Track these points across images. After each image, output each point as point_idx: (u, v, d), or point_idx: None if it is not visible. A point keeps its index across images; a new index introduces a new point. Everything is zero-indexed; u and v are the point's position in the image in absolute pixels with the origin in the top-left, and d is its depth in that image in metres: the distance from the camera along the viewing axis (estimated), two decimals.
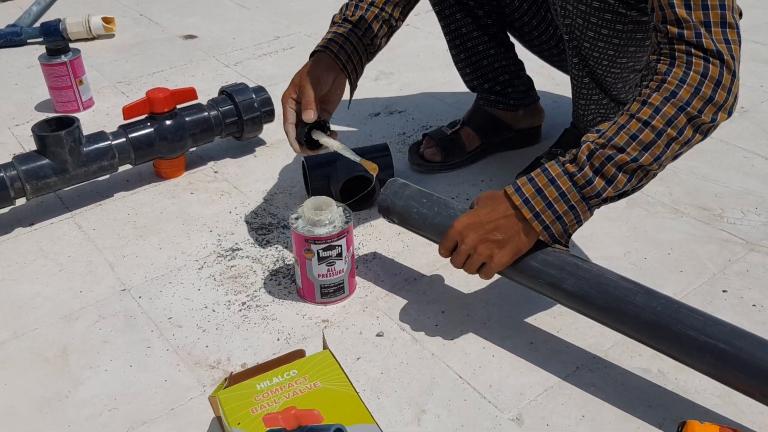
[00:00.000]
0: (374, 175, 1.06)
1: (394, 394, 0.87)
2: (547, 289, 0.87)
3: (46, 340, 0.97)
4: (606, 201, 0.84)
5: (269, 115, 1.38)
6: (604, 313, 0.82)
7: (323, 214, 0.96)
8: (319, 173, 1.22)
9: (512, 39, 1.31)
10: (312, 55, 1.09)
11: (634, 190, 0.85)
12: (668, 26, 0.81)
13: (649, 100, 0.80)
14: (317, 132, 1.05)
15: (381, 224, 1.18)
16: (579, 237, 1.11)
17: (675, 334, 0.77)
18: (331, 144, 1.04)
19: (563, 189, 0.84)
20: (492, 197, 0.89)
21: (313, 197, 0.99)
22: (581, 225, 0.87)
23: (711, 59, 0.79)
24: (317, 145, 1.06)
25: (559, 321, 0.96)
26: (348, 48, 1.08)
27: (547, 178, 0.85)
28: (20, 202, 1.25)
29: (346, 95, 1.11)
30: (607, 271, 0.85)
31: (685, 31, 0.80)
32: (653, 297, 0.80)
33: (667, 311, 0.78)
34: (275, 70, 1.78)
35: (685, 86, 0.79)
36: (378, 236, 1.15)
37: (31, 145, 1.19)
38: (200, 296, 1.04)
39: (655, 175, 0.84)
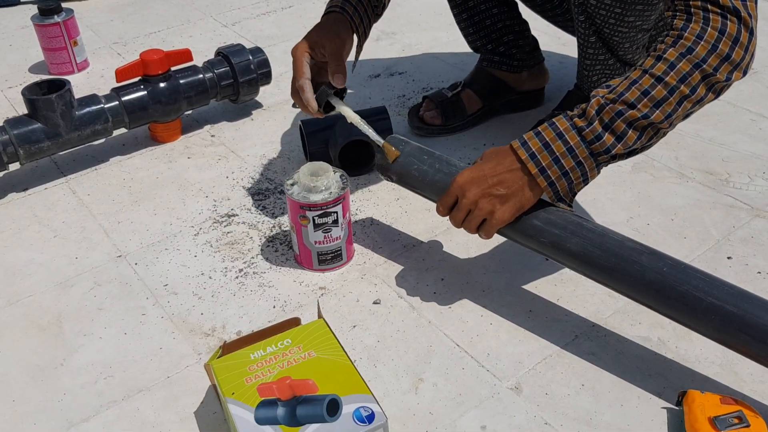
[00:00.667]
0: (390, 160, 0.96)
1: (391, 363, 0.86)
2: (549, 250, 0.84)
3: (40, 307, 0.96)
4: (615, 158, 0.81)
5: (266, 77, 1.35)
6: (608, 274, 0.80)
7: (319, 180, 0.94)
8: (318, 138, 1.19)
9: None
10: (327, 13, 1.03)
11: (643, 148, 0.82)
12: None
13: (665, 56, 0.77)
14: (338, 100, 0.99)
15: (379, 189, 1.16)
16: (582, 201, 1.09)
17: (681, 294, 0.75)
18: (353, 117, 0.98)
19: (571, 144, 0.81)
20: (497, 152, 0.86)
21: (309, 163, 0.97)
22: (587, 184, 0.84)
23: (728, 15, 0.76)
24: (331, 109, 1.01)
25: (560, 289, 0.94)
26: (360, 9, 1.03)
27: (554, 132, 0.82)
28: (13, 167, 1.23)
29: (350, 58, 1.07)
30: (612, 231, 0.83)
31: None
32: (659, 257, 0.78)
33: (673, 272, 0.76)
34: (274, 31, 1.74)
35: (702, 42, 0.76)
36: (376, 202, 1.13)
37: (23, 108, 1.17)
38: (197, 263, 1.03)
39: (665, 133, 0.81)
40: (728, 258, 0.98)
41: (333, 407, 0.69)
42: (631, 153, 0.82)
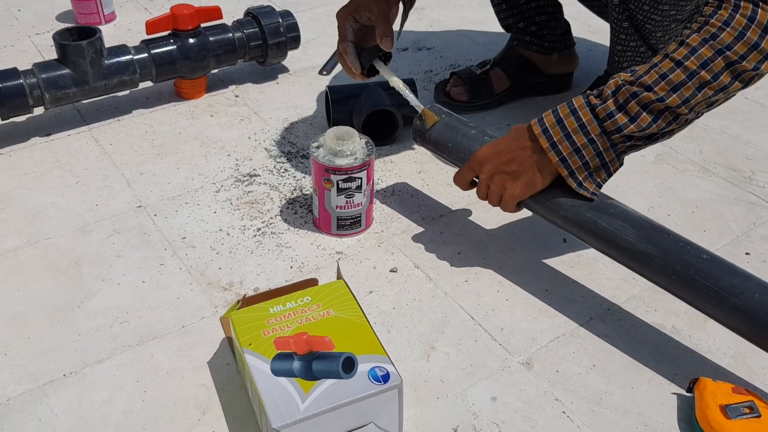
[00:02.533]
0: (428, 125, 0.98)
1: (404, 329, 0.86)
2: (575, 229, 0.86)
3: (59, 249, 0.97)
4: (630, 140, 0.81)
5: (295, 42, 1.34)
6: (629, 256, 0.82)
7: (345, 144, 0.94)
8: (343, 105, 1.19)
9: None
10: None
11: (663, 135, 0.82)
12: None
13: (687, 41, 0.77)
14: (382, 64, 0.99)
15: (401, 161, 1.16)
16: (604, 188, 1.09)
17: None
18: (396, 82, 0.99)
19: (584, 120, 0.81)
20: (517, 128, 0.88)
21: (335, 127, 0.97)
22: (608, 171, 0.84)
23: (761, 4, 0.75)
24: (374, 73, 1.01)
25: (577, 271, 0.95)
26: None
27: (569, 108, 0.83)
28: (38, 111, 1.23)
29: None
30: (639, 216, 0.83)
31: None
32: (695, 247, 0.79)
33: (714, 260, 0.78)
34: None
35: (728, 29, 0.75)
36: (398, 173, 1.13)
37: (50, 55, 1.17)
38: (216, 219, 1.03)
39: (688, 120, 0.80)
40: (746, 254, 0.98)
41: (348, 365, 0.69)
42: (650, 138, 0.82)
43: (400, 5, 1.02)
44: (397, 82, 1.00)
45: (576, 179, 0.84)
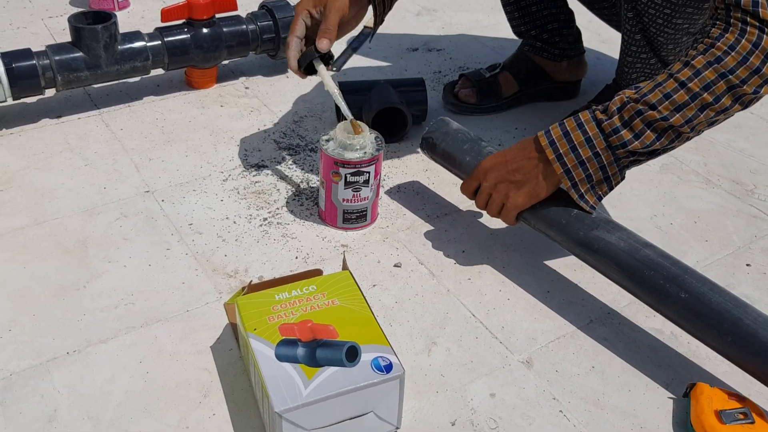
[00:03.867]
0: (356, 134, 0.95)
1: (406, 324, 0.87)
2: (565, 240, 0.88)
3: (66, 230, 0.98)
4: (634, 155, 0.83)
5: None
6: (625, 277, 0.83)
7: (355, 138, 0.95)
8: (352, 101, 1.19)
9: None
10: None
11: (665, 150, 0.84)
12: None
13: (692, 62, 0.79)
14: (321, 65, 0.98)
15: (409, 159, 1.17)
16: (608, 195, 1.10)
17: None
18: (330, 86, 0.97)
19: (590, 134, 0.83)
20: (525, 140, 0.90)
21: (346, 120, 0.97)
22: (610, 184, 0.85)
23: (766, 30, 0.76)
24: (313, 72, 1.00)
25: (579, 274, 0.95)
26: None
27: (575, 122, 0.85)
28: (49, 93, 1.24)
29: (357, 29, 1.04)
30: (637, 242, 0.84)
31: None
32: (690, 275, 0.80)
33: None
34: None
35: (732, 53, 0.77)
36: (405, 170, 1.14)
37: (63, 39, 1.18)
38: (222, 207, 1.04)
39: (689, 138, 0.82)
40: (747, 265, 0.99)
41: (352, 353, 0.70)
42: (653, 153, 0.84)
43: (370, 8, 1.00)
44: (331, 86, 0.97)
45: (578, 191, 0.86)
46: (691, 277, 0.79)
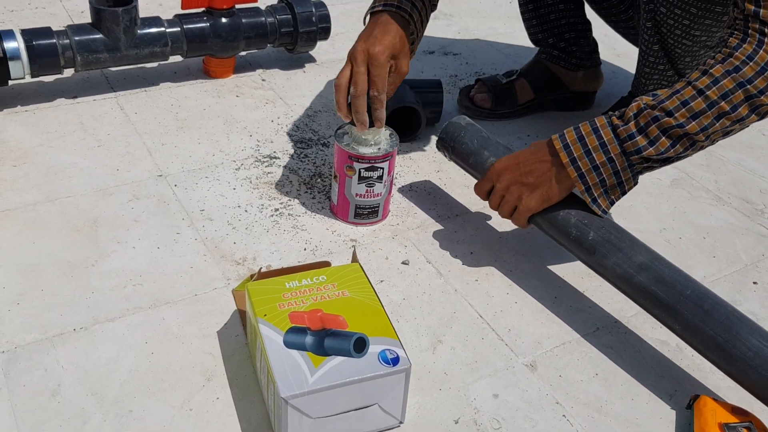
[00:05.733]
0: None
1: (413, 321, 0.87)
2: (573, 245, 0.88)
3: (77, 209, 0.98)
4: (648, 161, 0.83)
5: (325, 33, 1.36)
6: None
7: (370, 134, 0.95)
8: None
9: None
10: (379, 10, 0.95)
11: (678, 158, 0.84)
12: (746, 2, 0.79)
13: (711, 71, 0.79)
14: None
15: (421, 159, 1.17)
16: (618, 207, 1.10)
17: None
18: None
19: (605, 139, 0.84)
20: (539, 143, 0.91)
21: None
22: (623, 189, 0.86)
23: None
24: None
25: (586, 282, 0.96)
26: (417, 4, 0.97)
27: (591, 126, 0.85)
28: (67, 73, 1.24)
29: None
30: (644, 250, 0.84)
31: (762, 10, 0.78)
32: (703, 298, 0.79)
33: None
34: None
35: (751, 63, 0.77)
36: (417, 170, 1.14)
37: (80, 21, 1.18)
38: (234, 195, 1.04)
39: (703, 147, 0.83)
40: (754, 283, 0.99)
41: (360, 345, 0.70)
42: (666, 160, 0.84)
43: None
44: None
45: (591, 195, 0.86)
46: (683, 307, 0.78)
